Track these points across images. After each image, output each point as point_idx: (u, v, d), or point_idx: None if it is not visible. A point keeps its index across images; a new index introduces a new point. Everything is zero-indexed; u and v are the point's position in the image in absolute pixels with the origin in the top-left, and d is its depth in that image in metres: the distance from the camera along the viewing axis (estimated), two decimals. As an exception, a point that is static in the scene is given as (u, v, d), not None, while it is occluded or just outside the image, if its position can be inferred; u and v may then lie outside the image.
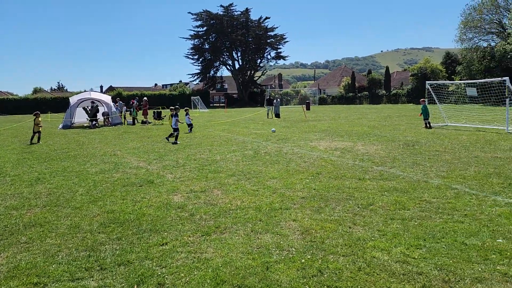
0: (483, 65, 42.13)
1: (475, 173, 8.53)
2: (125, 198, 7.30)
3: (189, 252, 4.76)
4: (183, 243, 5.03)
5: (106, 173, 9.85)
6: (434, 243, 4.84)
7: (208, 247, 4.89)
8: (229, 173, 9.41)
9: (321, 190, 7.46)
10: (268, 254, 4.62)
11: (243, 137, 17.12)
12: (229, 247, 4.86)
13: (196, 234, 5.35)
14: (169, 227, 5.64)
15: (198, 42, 76.17)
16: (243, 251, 4.73)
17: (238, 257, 4.57)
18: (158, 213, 6.30)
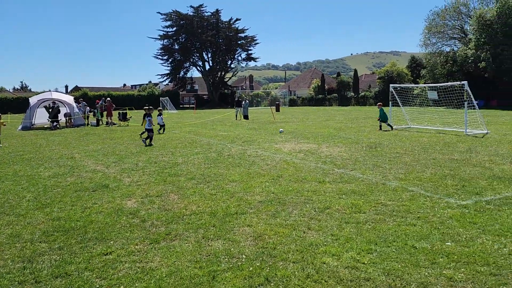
0: (446, 69, 43.48)
1: (432, 175, 8.66)
2: (75, 204, 6.97)
3: (133, 261, 4.54)
4: (129, 252, 4.80)
5: (59, 177, 9.44)
6: (385, 247, 4.81)
7: (155, 256, 4.68)
8: (189, 176, 9.20)
9: (279, 194, 7.37)
10: (216, 262, 4.46)
11: (208, 139, 16.90)
12: (177, 256, 4.67)
13: (144, 242, 5.13)
14: (117, 235, 5.39)
15: (167, 43, 75.30)
16: (191, 260, 4.55)
17: (184, 266, 4.39)
18: (108, 220, 6.03)
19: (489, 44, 38.49)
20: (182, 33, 74.13)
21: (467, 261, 4.35)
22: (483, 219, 5.71)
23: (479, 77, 41.21)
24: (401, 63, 69.70)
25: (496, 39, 37.78)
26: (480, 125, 17.23)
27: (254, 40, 77.59)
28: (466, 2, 47.92)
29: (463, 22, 48.63)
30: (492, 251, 4.59)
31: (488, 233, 5.15)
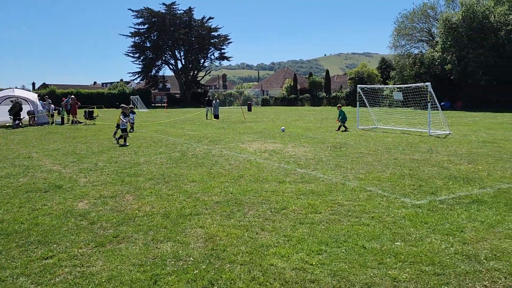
0: (414, 71, 44.50)
1: (391, 175, 8.75)
2: (23, 206, 6.66)
3: (74, 266, 4.34)
4: (71, 256, 4.59)
5: (12, 177, 9.03)
6: (335, 247, 4.78)
7: (98, 260, 4.49)
8: (148, 176, 8.98)
9: (238, 194, 7.27)
10: (161, 266, 4.32)
11: (174, 139, 16.64)
12: (121, 259, 4.50)
13: (89, 245, 4.93)
14: (62, 238, 5.16)
15: (139, 40, 73.99)
16: (136, 263, 4.39)
17: (127, 270, 4.23)
18: (55, 222, 5.77)
19: (454, 47, 39.62)
20: (154, 31, 72.97)
21: (413, 261, 4.36)
22: (434, 218, 5.78)
23: (445, 79, 42.36)
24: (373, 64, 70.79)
25: (462, 42, 38.92)
26: (443, 126, 17.65)
27: (227, 39, 77.27)
28: (434, 5, 49.29)
29: (431, 25, 49.93)
30: (439, 250, 4.63)
31: (438, 233, 5.21)
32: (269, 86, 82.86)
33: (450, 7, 47.00)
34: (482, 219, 5.72)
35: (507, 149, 12.17)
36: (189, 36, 73.03)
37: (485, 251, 4.57)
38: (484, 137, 15.50)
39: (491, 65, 37.16)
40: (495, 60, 36.97)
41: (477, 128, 19.18)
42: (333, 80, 78.67)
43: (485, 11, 37.82)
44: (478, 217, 5.79)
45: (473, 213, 5.98)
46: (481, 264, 4.26)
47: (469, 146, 13.03)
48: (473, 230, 5.29)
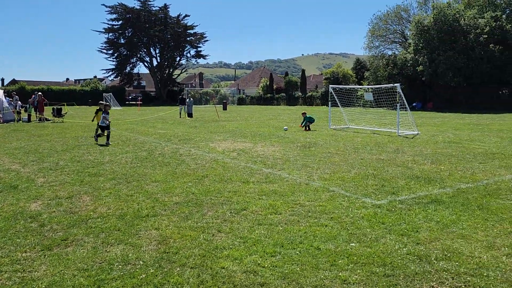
0: (387, 72, 45.20)
1: (355, 175, 8.79)
2: (-29, 207, 6.36)
3: (15, 271, 4.14)
4: (13, 261, 4.38)
5: (-35, 177, 8.64)
6: (290, 249, 4.73)
7: (42, 264, 4.30)
8: (110, 176, 8.74)
9: (199, 195, 7.14)
10: (108, 270, 4.16)
11: (144, 137, 16.34)
12: (66, 264, 4.32)
13: (34, 248, 4.72)
14: (6, 241, 4.92)
15: (112, 36, 72.63)
16: (81, 268, 4.22)
17: (71, 275, 4.05)
18: (2, 225, 5.52)
19: (426, 49, 40.43)
20: (128, 27, 71.75)
21: (365, 262, 4.35)
22: (392, 218, 5.81)
23: (417, 80, 43.22)
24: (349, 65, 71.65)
25: (433, 44, 39.76)
26: (412, 126, 17.95)
27: (203, 37, 76.70)
28: (407, 7, 50.20)
29: (404, 27, 50.86)
30: (392, 251, 4.64)
31: (393, 233, 5.22)
32: (245, 85, 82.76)
33: (422, 10, 48.03)
34: (438, 219, 5.78)
35: (470, 149, 12.44)
36: (165, 33, 72.14)
37: (436, 252, 4.60)
38: (451, 137, 15.83)
39: (461, 67, 38.12)
40: (465, 62, 37.93)
41: (445, 129, 19.59)
42: (309, 80, 79.24)
43: (455, 14, 38.75)
44: (434, 217, 5.85)
45: (430, 213, 6.04)
46: (431, 264, 4.28)
47: (435, 146, 13.27)
48: (427, 230, 5.33)
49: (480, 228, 5.40)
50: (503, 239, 4.97)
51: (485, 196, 7.01)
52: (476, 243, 4.88)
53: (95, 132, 15.26)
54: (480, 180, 8.23)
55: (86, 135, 17.21)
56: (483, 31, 37.02)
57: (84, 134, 17.79)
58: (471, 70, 38.31)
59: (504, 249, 4.66)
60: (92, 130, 19.67)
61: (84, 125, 22.63)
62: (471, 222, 5.64)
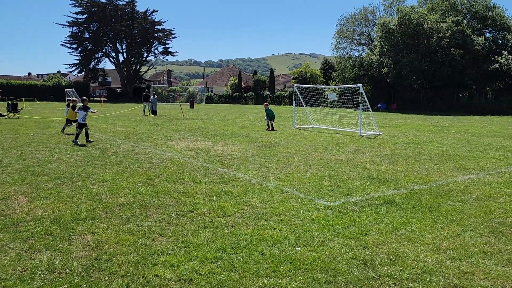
0: (354, 73, 45.81)
1: (312, 175, 8.66)
2: None
3: None
4: None
5: None
6: (233, 254, 4.48)
7: (-48, 275, 3.87)
8: (55, 175, 8.24)
9: (146, 196, 6.79)
10: (28, 280, 3.79)
11: (101, 135, 15.73)
12: (-18, 273, 3.91)
13: (-52, 256, 4.27)
14: None
15: (77, 30, 70.35)
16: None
17: (-17, 286, 3.66)
18: None
19: (391, 51, 41.23)
20: (93, 21, 69.72)
21: (308, 267, 4.16)
22: (342, 221, 5.67)
23: (382, 81, 44.03)
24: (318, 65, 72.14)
25: (397, 47, 40.60)
26: (374, 126, 18.11)
27: (171, 33, 75.50)
28: (373, 10, 51.05)
29: (370, 29, 51.72)
30: (338, 255, 4.48)
31: (342, 236, 5.07)
32: (214, 84, 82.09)
33: (388, 13, 48.95)
34: (388, 221, 5.69)
35: (428, 150, 12.60)
36: (132, 28, 70.51)
37: (382, 256, 4.48)
38: (410, 138, 16.06)
39: (424, 70, 39.08)
40: (427, 65, 38.92)
41: (406, 130, 19.91)
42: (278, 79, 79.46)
43: (419, 18, 39.67)
44: (384, 219, 5.75)
45: (381, 215, 5.95)
46: (375, 270, 4.13)
47: (394, 147, 13.38)
48: (376, 233, 5.21)
49: (428, 230, 5.33)
50: (449, 242, 4.91)
51: (437, 197, 7.01)
52: (423, 246, 4.79)
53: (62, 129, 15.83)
54: (433, 181, 8.26)
55: (39, 132, 16.41)
56: (445, 35, 38.09)
57: (38, 131, 16.97)
58: (433, 73, 39.36)
59: (449, 253, 4.59)
60: (47, 126, 18.83)
61: (39, 121, 21.65)
62: (420, 224, 5.57)
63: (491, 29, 42.07)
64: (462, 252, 4.61)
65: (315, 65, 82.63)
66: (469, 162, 10.45)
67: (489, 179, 8.45)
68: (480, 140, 15.49)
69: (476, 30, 40.66)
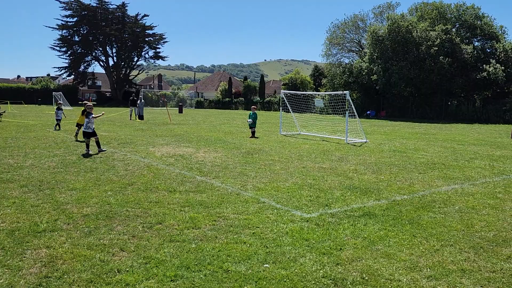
0: (344, 80, 45.84)
1: (292, 184, 8.39)
2: None
3: None
4: None
5: None
6: (196, 271, 4.18)
7: None
8: (23, 183, 7.87)
9: (115, 206, 6.46)
10: (-37, 302, 3.45)
11: (82, 140, 15.30)
12: None
13: None
14: None
15: (66, 33, 69.64)
16: None
17: None
18: None
19: (380, 59, 41.32)
20: (83, 25, 69.12)
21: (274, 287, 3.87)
22: (318, 234, 5.40)
23: (371, 88, 44.08)
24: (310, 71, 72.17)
25: (387, 54, 40.70)
26: (360, 134, 17.93)
27: (162, 38, 75.10)
28: (364, 17, 51.22)
29: (361, 36, 51.88)
30: (308, 273, 4.19)
31: (315, 251, 4.79)
32: (204, 88, 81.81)
33: (378, 20, 49.15)
34: (366, 235, 5.42)
35: (413, 159, 12.42)
36: (122, 32, 70.04)
37: (355, 274, 4.20)
38: (397, 146, 15.89)
39: (412, 78, 39.19)
40: (416, 73, 39.03)
41: (393, 137, 19.76)
42: (269, 85, 79.47)
43: (408, 26, 39.84)
44: (362, 233, 5.49)
45: (358, 228, 5.69)
46: (346, 290, 3.86)
47: (380, 155, 13.17)
48: (352, 248, 4.94)
49: (406, 245, 5.08)
50: (427, 259, 4.65)
51: (418, 209, 6.77)
52: (399, 263, 4.53)
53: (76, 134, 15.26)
54: (416, 192, 8.04)
55: (19, 136, 15.96)
56: (434, 43, 38.26)
57: (17, 135, 16.51)
58: (422, 81, 39.48)
59: (426, 271, 4.33)
60: (28, 130, 18.36)
61: (22, 125, 21.15)
62: (399, 238, 5.32)
63: (480, 38, 42.31)
64: (439, 270, 4.36)
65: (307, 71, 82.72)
66: (454, 172, 10.27)
67: (473, 190, 8.25)
68: (466, 148, 15.37)
69: (465, 39, 40.89)
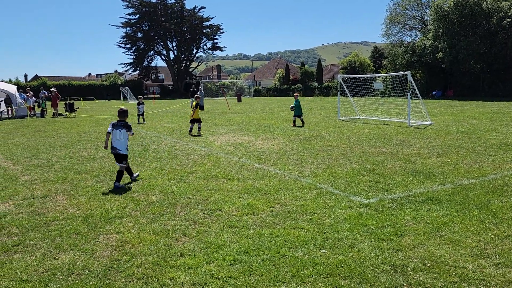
0: (406, 60, 43.77)
1: (351, 169, 8.24)
2: None
3: None
4: (-48, 270, 4.09)
5: (-50, 175, 8.51)
6: (254, 256, 4.29)
7: (-21, 274, 3.99)
8: (95, 173, 8.48)
9: (178, 193, 6.76)
10: (47, 281, 3.82)
11: (146, 131, 16.11)
12: (7, 273, 3.99)
13: (-20, 256, 4.42)
14: (-45, 247, 4.65)
15: (130, 31, 73.02)
16: (20, 279, 3.88)
17: (4, 287, 3.73)
18: (-40, 228, 5.26)
19: (446, 35, 38.87)
20: (145, 21, 72.02)
21: (332, 273, 3.87)
22: (377, 220, 5.29)
23: (437, 67, 41.70)
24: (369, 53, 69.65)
25: (453, 29, 38.19)
26: (424, 116, 17.11)
27: (219, 29, 76.28)
28: (426, -8, 48.32)
29: (423, 13, 49.10)
30: (366, 259, 4.14)
31: (373, 237, 4.71)
32: (262, 77, 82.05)
33: (442, -6, 46.09)
34: (429, 220, 5.23)
35: (483, 140, 11.66)
36: (181, 26, 72.10)
37: (416, 260, 4.08)
38: (465, 127, 14.99)
39: (483, 53, 36.51)
40: (487, 47, 36.30)
41: (462, 118, 18.64)
42: (327, 70, 77.92)
43: (477, -3, 37.02)
44: (424, 219, 5.29)
45: (420, 214, 5.49)
46: (406, 276, 3.76)
47: (446, 137, 12.51)
48: (413, 234, 4.79)
49: (473, 231, 4.83)
50: (496, 245, 4.40)
51: (488, 193, 6.38)
52: (465, 249, 4.32)
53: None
54: (486, 175, 7.57)
55: (91, 130, 17.10)
56: (507, 15, 35.24)
57: (90, 129, 17.70)
58: (493, 56, 36.66)
59: (494, 258, 4.10)
60: (100, 124, 19.59)
61: (94, 120, 22.63)
62: (465, 224, 5.07)
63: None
64: (510, 257, 4.11)
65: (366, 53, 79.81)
66: (529, 153, 9.51)
67: (552, 172, 7.60)
68: (545, 127, 14.13)
69: (543, 7, 37.23)
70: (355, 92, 22.42)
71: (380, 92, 31.48)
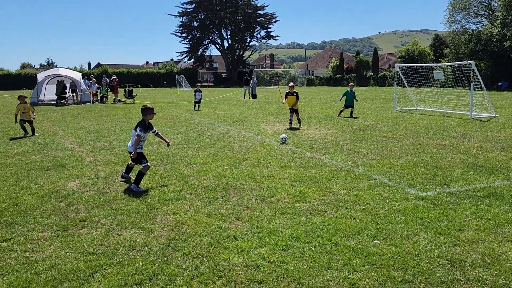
0: (469, 48, 41.32)
1: (406, 161, 8.00)
2: (15, 184, 6.73)
3: (24, 251, 4.22)
4: (27, 240, 4.48)
5: (25, 154, 9.26)
6: (305, 243, 4.33)
7: (51, 245, 4.34)
8: (153, 157, 8.85)
9: (231, 179, 6.92)
10: (110, 255, 4.09)
11: (200, 118, 16.51)
12: (75, 246, 4.32)
13: (51, 229, 4.80)
14: (30, 220, 5.08)
15: (186, 20, 74.57)
16: (86, 251, 4.19)
17: (73, 258, 4.04)
18: (34, 203, 5.74)
19: (516, 22, 36.24)
20: (200, 10, 73.19)
21: (385, 263, 3.82)
22: (433, 213, 5.12)
23: (504, 57, 39.02)
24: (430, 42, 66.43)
25: (525, 16, 35.52)
26: (488, 108, 16.15)
27: (273, 17, 75.92)
28: (495, -24, 45.05)
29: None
30: (421, 252, 4.04)
31: (430, 231, 4.58)
32: (315, 66, 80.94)
33: (514, -22, 42.77)
34: (490, 216, 4.99)
35: (555, 135, 10.84)
36: (235, 15, 72.52)
37: (475, 256, 3.93)
38: (534, 121, 13.98)
39: (558, 41, 33.66)
40: None
41: (531, 111, 17.38)
42: (383, 59, 75.37)
43: (553, -20, 34.08)
44: (486, 214, 5.06)
45: (481, 209, 5.24)
46: (464, 272, 3.64)
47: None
48: (473, 229, 4.60)
49: (539, 230, 4.55)
50: None
51: (558, 191, 5.96)
52: (530, 248, 4.10)
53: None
54: (557, 172, 7.06)
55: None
56: None
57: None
58: None
59: None
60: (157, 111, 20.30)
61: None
62: (531, 222, 4.78)
63: None
64: None
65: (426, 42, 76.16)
66: None
67: None
68: None
69: None
70: (413, 82, 21.58)
71: (440, 82, 30.03)
